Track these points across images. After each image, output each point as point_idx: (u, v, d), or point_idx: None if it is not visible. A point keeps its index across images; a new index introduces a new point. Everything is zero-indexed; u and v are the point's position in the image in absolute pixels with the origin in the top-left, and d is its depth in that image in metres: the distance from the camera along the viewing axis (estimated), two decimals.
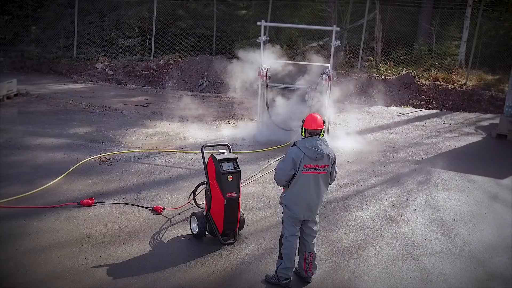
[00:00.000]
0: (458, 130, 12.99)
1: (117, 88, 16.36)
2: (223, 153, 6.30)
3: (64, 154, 9.27)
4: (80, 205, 7.09)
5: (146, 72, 17.55)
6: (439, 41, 19.37)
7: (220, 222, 6.18)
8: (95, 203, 7.19)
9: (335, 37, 10.56)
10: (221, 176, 6.09)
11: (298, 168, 5.17)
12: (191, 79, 17.19)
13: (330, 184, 5.47)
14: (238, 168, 6.24)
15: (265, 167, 9.19)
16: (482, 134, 12.70)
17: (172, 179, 8.42)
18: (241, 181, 8.29)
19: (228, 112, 13.55)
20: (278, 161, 5.74)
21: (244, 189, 8.04)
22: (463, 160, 10.37)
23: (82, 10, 19.23)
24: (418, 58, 18.83)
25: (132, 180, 8.25)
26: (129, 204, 7.25)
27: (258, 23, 10.86)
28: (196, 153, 9.74)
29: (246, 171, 8.96)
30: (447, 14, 19.31)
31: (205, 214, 6.33)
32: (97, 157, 9.07)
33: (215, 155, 6.21)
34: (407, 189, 8.59)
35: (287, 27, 17.80)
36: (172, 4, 19.79)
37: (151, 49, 18.94)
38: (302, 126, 5.35)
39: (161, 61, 18.24)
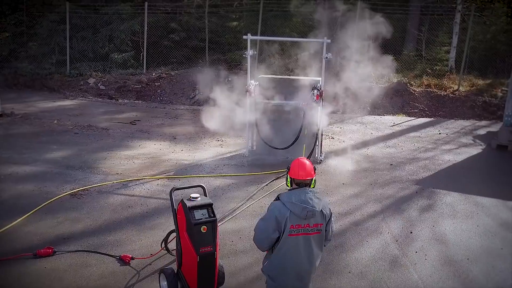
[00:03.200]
0: (455, 141, 11.44)
1: (107, 104, 14.81)
2: (196, 197, 4.78)
3: (34, 186, 7.74)
4: (37, 256, 5.58)
5: (138, 86, 15.98)
6: (428, 47, 17.85)
7: (194, 282, 4.68)
8: (54, 252, 5.68)
9: (326, 50, 9.04)
10: (193, 227, 4.57)
11: (284, 230, 3.68)
12: (183, 92, 15.66)
13: (325, 246, 3.97)
14: (214, 216, 4.71)
15: (254, 194, 7.71)
16: (481, 144, 11.16)
17: (149, 214, 6.90)
18: (226, 213, 6.92)
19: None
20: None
21: (228, 225, 6.56)
22: (466, 177, 8.85)
23: (75, 25, 17.71)
24: (408, 63, 17.32)
25: (104, 217, 6.73)
26: (93, 252, 5.74)
27: (244, 36, 9.34)
28: (179, 178, 8.27)
29: (232, 199, 7.49)
30: (436, 20, 17.81)
31: (176, 272, 4.84)
32: (67, 194, 7.48)
33: (186, 202, 4.70)
34: (410, 218, 7.07)
35: (275, 40, 16.08)
36: (165, 17, 18.25)
37: (143, 63, 17.40)
38: (287, 174, 3.85)
39: (153, 74, 16.69)
